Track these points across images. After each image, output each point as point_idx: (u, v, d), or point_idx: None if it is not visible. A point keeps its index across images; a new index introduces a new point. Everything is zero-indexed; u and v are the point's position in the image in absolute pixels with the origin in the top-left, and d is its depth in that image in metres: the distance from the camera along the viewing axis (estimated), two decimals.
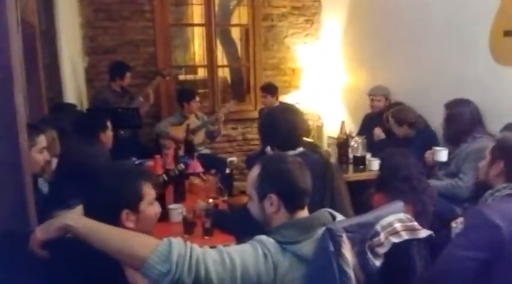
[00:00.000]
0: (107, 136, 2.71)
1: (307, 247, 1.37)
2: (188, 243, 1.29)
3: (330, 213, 1.52)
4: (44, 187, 2.17)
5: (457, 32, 3.37)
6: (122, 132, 3.92)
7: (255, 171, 1.54)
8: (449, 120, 3.05)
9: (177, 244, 1.25)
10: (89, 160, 1.85)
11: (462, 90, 3.19)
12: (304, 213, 1.52)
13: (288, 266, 1.35)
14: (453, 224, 1.96)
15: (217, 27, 5.47)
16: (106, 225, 1.27)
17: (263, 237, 1.39)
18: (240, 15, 5.78)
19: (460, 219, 1.95)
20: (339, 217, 1.53)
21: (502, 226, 1.53)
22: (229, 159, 5.09)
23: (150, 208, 1.46)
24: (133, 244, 1.24)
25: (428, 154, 3.05)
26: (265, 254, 1.34)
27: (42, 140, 2.04)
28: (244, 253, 1.33)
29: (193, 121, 4.60)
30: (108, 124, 2.74)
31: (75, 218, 1.28)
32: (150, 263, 1.20)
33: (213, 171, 3.22)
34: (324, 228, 1.36)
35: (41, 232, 1.23)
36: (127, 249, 1.22)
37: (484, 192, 1.78)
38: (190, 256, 1.24)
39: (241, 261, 1.30)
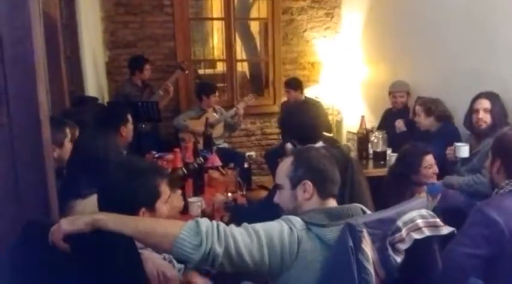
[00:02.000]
0: (128, 129, 2.73)
1: (331, 233, 1.37)
2: (214, 221, 1.35)
3: (362, 209, 1.53)
4: None
5: (478, 26, 3.30)
6: (142, 126, 3.95)
7: (287, 160, 1.58)
8: (495, 112, 2.93)
9: (204, 220, 1.32)
10: (101, 151, 1.88)
11: (483, 85, 3.12)
12: (333, 203, 1.55)
13: (311, 247, 1.36)
14: None
15: (236, 21, 5.46)
16: (133, 216, 1.33)
17: (290, 216, 1.42)
18: (260, 9, 5.75)
19: None
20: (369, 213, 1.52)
21: (500, 222, 1.56)
22: (248, 153, 5.10)
23: (165, 206, 1.50)
24: (164, 224, 1.32)
25: (449, 150, 2.98)
26: (290, 228, 1.36)
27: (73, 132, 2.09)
28: (268, 225, 1.37)
29: (211, 115, 4.62)
30: (129, 117, 2.76)
31: (103, 213, 1.32)
32: (181, 237, 1.25)
33: (231, 165, 3.21)
34: (344, 222, 1.36)
35: (67, 224, 1.25)
36: (159, 229, 1.28)
37: None
38: (218, 228, 1.30)
39: (265, 232, 1.34)
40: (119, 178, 1.44)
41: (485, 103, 2.95)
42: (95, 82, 4.36)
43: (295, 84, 4.83)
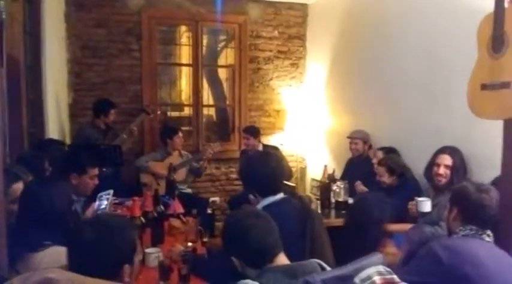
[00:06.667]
0: (82, 179, 2.63)
1: None
2: None
3: (320, 264, 1.52)
4: None
5: (436, 83, 3.47)
6: (103, 170, 3.86)
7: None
8: (455, 168, 3.03)
9: None
10: (46, 203, 1.82)
11: (441, 139, 3.26)
12: (282, 259, 1.53)
13: None
14: None
15: (204, 67, 5.54)
16: (89, 278, 1.25)
17: (248, 281, 1.40)
18: (227, 56, 5.87)
19: None
20: (328, 269, 1.51)
21: (442, 256, 1.75)
22: (212, 199, 5.05)
23: (137, 257, 1.47)
24: None
25: (411, 206, 3.00)
26: None
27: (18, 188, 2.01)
28: None
29: (176, 159, 4.59)
30: (88, 170, 2.65)
31: (57, 271, 1.25)
32: None
33: (194, 211, 3.16)
34: (301, 279, 1.35)
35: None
36: None
37: None
38: None
39: None
40: (99, 237, 1.36)
41: (446, 159, 3.05)
42: (57, 124, 4.29)
43: (254, 131, 4.87)
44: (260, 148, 4.80)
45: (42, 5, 3.71)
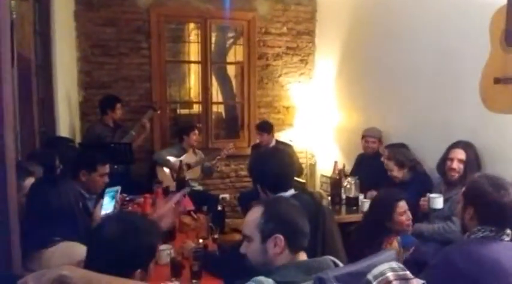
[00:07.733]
0: (92, 177, 2.66)
1: None
2: None
3: (333, 261, 1.51)
4: None
5: (447, 78, 3.43)
6: (115, 167, 3.88)
7: (257, 211, 1.53)
8: (469, 163, 3.00)
9: None
10: (53, 200, 1.83)
11: (452, 134, 3.23)
12: (303, 256, 1.52)
13: None
14: None
15: (213, 65, 5.54)
16: (104, 275, 1.24)
17: (261, 278, 1.37)
18: (236, 53, 5.86)
19: None
20: (341, 266, 1.50)
21: (461, 267, 1.66)
22: (222, 195, 5.06)
23: (153, 264, 1.42)
24: None
25: (423, 202, 2.97)
26: None
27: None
28: None
29: (190, 157, 4.63)
30: (98, 167, 2.68)
31: (71, 268, 1.25)
32: None
33: (204, 208, 3.17)
34: (314, 276, 1.34)
35: (34, 282, 1.20)
36: None
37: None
38: None
39: None
40: (117, 236, 1.33)
41: (460, 154, 3.02)
42: (68, 123, 4.31)
43: (268, 128, 4.88)
44: (273, 143, 4.82)
45: (51, 5, 3.73)
